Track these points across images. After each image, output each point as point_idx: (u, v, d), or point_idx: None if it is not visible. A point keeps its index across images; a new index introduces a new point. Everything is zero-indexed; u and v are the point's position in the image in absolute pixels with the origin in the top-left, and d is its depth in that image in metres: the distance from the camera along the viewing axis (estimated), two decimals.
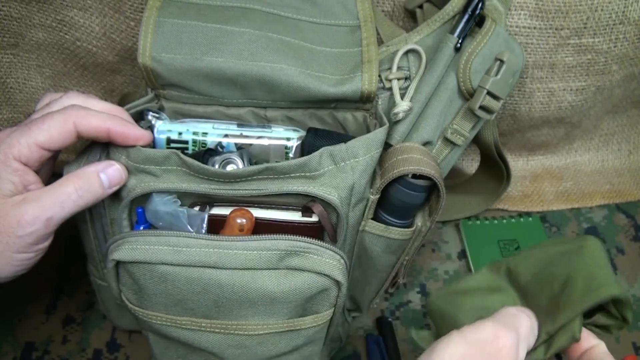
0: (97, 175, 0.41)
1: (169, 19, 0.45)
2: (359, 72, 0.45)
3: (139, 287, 0.42)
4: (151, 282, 0.41)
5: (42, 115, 0.41)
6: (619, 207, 0.71)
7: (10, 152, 0.39)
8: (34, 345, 0.57)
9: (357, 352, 0.58)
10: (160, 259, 0.40)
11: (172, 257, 0.40)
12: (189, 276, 0.40)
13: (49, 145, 0.40)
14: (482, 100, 0.46)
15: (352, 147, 0.41)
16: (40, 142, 0.40)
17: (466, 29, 0.48)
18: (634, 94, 0.66)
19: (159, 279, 0.41)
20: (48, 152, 0.41)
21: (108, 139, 0.42)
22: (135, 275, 0.41)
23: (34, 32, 0.57)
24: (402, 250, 0.48)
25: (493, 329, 0.35)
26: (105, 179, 0.41)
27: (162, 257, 0.40)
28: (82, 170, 0.41)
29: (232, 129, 0.46)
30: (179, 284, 0.41)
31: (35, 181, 0.40)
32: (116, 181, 0.42)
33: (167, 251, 0.40)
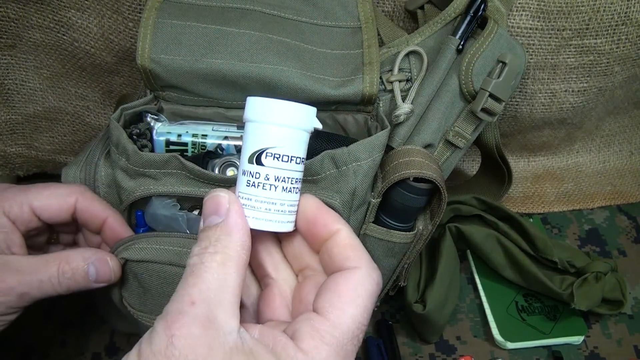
0: (85, 265, 0.39)
1: (168, 19, 0.44)
2: (360, 74, 0.45)
3: (144, 289, 0.42)
4: (157, 283, 0.41)
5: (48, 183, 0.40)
6: (621, 208, 0.71)
7: (2, 205, 0.38)
8: (32, 349, 0.57)
9: (358, 355, 0.58)
10: (169, 260, 0.40)
11: (180, 259, 0.40)
12: None
13: (42, 212, 0.39)
14: (484, 103, 0.46)
15: (353, 151, 0.41)
16: (34, 206, 0.39)
17: (468, 30, 0.47)
18: (635, 95, 0.66)
19: (165, 280, 0.41)
20: (37, 221, 0.40)
21: (97, 231, 0.41)
22: (142, 276, 0.41)
23: (32, 33, 0.56)
24: (403, 253, 0.48)
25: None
26: (93, 272, 0.39)
27: (170, 258, 0.40)
28: (72, 254, 0.39)
29: (232, 131, 0.46)
30: None
31: (19, 244, 0.39)
32: (104, 278, 0.39)
33: (176, 252, 0.40)
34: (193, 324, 0.25)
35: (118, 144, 0.41)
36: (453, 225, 0.61)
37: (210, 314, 0.26)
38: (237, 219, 0.28)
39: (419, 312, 0.55)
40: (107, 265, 0.39)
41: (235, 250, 0.28)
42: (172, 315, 0.26)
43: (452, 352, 0.58)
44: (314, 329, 0.27)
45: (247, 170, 0.30)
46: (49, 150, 0.66)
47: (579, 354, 0.58)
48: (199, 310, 0.26)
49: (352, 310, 0.28)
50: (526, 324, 0.59)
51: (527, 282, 0.60)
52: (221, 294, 0.27)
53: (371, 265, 0.30)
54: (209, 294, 0.26)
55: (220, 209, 0.29)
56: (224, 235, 0.28)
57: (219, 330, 0.26)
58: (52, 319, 0.59)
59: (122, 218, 0.42)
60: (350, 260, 0.29)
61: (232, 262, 0.27)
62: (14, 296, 0.37)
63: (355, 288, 0.28)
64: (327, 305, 0.28)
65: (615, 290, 0.59)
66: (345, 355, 0.27)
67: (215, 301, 0.26)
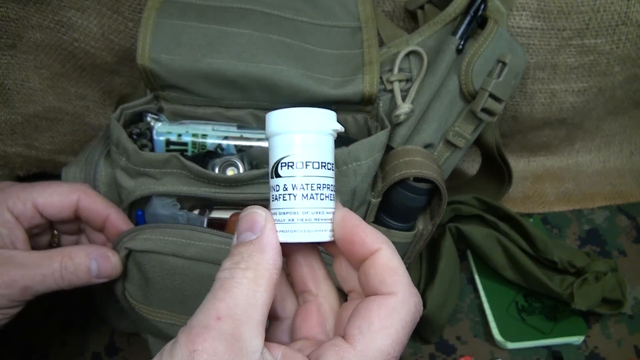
0: (88, 260, 0.39)
1: (168, 19, 0.44)
2: (360, 73, 0.45)
3: (146, 280, 0.42)
4: (160, 275, 0.41)
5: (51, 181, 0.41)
6: (621, 208, 0.71)
7: (5, 201, 0.39)
8: (32, 349, 0.57)
9: None
10: (172, 251, 0.40)
11: (184, 250, 0.40)
12: (198, 271, 0.40)
13: (45, 209, 0.40)
14: (484, 103, 0.46)
15: (354, 151, 0.41)
16: (38, 202, 0.39)
17: (468, 30, 0.47)
18: (635, 95, 0.66)
19: (168, 271, 0.41)
20: (40, 218, 0.40)
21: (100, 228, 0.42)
22: (145, 267, 0.41)
23: (32, 33, 0.56)
24: (403, 253, 0.48)
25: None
26: (94, 268, 0.40)
27: (174, 249, 0.40)
28: (75, 250, 0.40)
29: (232, 130, 0.46)
30: (187, 278, 0.41)
31: (23, 240, 0.39)
32: (105, 274, 0.40)
33: (180, 243, 0.40)
34: (217, 339, 0.25)
35: (118, 144, 0.41)
36: (453, 225, 0.61)
37: (235, 331, 0.25)
38: (272, 237, 0.28)
39: None
40: (108, 261, 0.40)
41: (267, 268, 0.27)
42: (196, 329, 0.25)
43: (452, 352, 0.58)
44: (338, 356, 0.26)
45: (270, 186, 0.29)
46: (49, 150, 0.66)
47: (579, 354, 0.58)
48: (225, 326, 0.25)
49: (381, 340, 0.26)
50: (526, 324, 0.59)
51: (527, 282, 0.60)
52: (249, 312, 0.26)
53: (410, 291, 0.27)
54: (236, 310, 0.26)
55: (256, 226, 0.28)
56: (256, 252, 0.27)
57: (242, 348, 0.25)
58: (52, 319, 0.59)
59: (124, 215, 0.42)
60: (386, 285, 0.27)
61: (263, 281, 0.27)
62: (17, 289, 0.37)
63: (388, 316, 0.27)
64: (356, 333, 0.27)
65: (615, 290, 0.59)
66: None
67: (243, 318, 0.26)
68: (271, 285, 0.27)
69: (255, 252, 0.27)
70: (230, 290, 0.26)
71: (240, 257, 0.27)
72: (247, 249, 0.28)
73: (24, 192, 0.40)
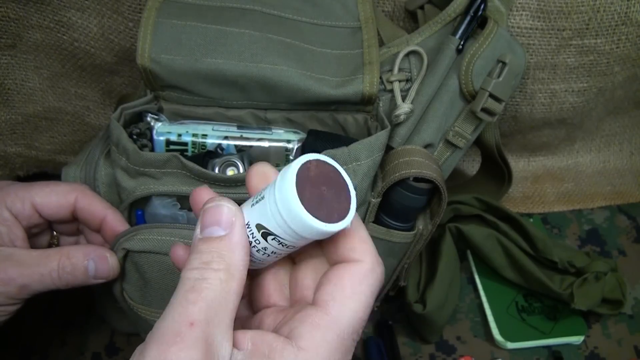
0: (85, 261, 0.39)
1: (168, 19, 0.44)
2: (360, 73, 0.45)
3: (144, 281, 0.42)
4: (158, 275, 0.41)
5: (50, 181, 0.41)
6: (621, 208, 0.71)
7: (4, 200, 0.39)
8: (32, 349, 0.57)
9: (358, 355, 0.58)
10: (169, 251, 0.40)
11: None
12: None
13: (43, 209, 0.40)
14: (484, 103, 0.46)
15: (354, 151, 0.41)
16: (36, 202, 0.40)
17: (468, 30, 0.47)
18: (636, 95, 0.66)
19: (167, 271, 0.41)
20: (38, 217, 0.40)
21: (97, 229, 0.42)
22: (143, 267, 0.41)
23: (32, 33, 0.56)
24: (403, 253, 0.48)
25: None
26: (92, 268, 0.40)
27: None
28: (73, 250, 0.40)
29: (232, 130, 0.46)
30: None
31: (22, 238, 0.39)
32: (103, 275, 0.40)
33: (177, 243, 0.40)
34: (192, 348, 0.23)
35: (118, 144, 0.41)
36: (453, 225, 0.61)
37: (208, 337, 0.24)
38: (242, 236, 0.27)
39: (419, 312, 0.55)
40: (106, 262, 0.40)
41: (239, 269, 0.26)
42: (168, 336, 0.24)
43: (452, 352, 0.58)
44: (314, 325, 0.26)
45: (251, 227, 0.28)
46: (49, 150, 0.66)
47: (579, 354, 0.58)
48: (198, 332, 0.24)
49: (354, 304, 0.27)
50: (526, 324, 0.59)
51: (527, 282, 0.60)
52: (220, 316, 0.25)
53: (377, 260, 0.28)
54: (208, 314, 0.24)
55: (224, 220, 0.27)
56: (227, 252, 0.26)
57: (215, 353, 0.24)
58: (52, 319, 0.59)
59: (121, 216, 0.42)
60: (355, 252, 0.28)
61: (235, 282, 0.26)
62: (15, 287, 0.37)
63: (360, 282, 0.27)
64: (329, 299, 0.27)
65: (615, 290, 0.59)
66: (345, 351, 0.26)
67: (215, 323, 0.25)
68: (241, 286, 0.26)
69: (226, 252, 0.26)
70: (202, 293, 0.25)
71: (211, 257, 0.26)
72: (217, 247, 0.26)
73: (22, 191, 0.40)
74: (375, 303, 0.55)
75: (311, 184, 0.25)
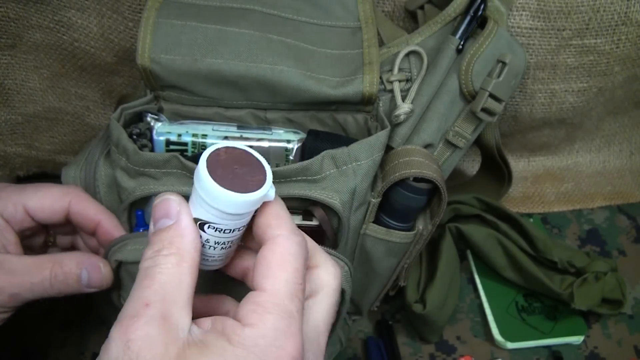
0: (78, 270, 0.39)
1: (167, 19, 0.44)
2: (360, 73, 0.45)
3: None
4: None
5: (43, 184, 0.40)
6: (620, 208, 0.71)
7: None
8: (32, 349, 0.56)
9: (358, 355, 0.58)
10: None
11: None
12: None
13: (36, 213, 0.39)
14: (484, 103, 0.46)
15: (354, 151, 0.41)
16: (28, 206, 0.39)
17: (468, 30, 0.47)
18: (635, 95, 0.66)
19: None
20: (31, 221, 0.40)
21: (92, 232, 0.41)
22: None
23: (32, 33, 0.56)
24: (403, 253, 0.48)
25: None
26: (85, 277, 0.39)
27: None
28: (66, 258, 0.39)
29: (232, 130, 0.46)
30: None
31: (14, 243, 0.39)
32: (96, 284, 0.40)
33: None
34: (149, 324, 0.25)
35: (118, 144, 0.41)
36: (453, 225, 0.61)
37: (165, 313, 0.26)
38: (188, 221, 0.29)
39: (419, 312, 0.55)
40: (99, 272, 0.39)
41: (188, 251, 0.28)
42: (126, 319, 0.26)
43: (452, 352, 0.58)
44: (254, 303, 0.27)
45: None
46: (49, 150, 0.66)
47: (579, 354, 0.58)
48: (154, 311, 0.26)
49: (284, 274, 0.28)
50: (526, 324, 0.59)
51: (527, 282, 0.60)
52: (176, 293, 0.27)
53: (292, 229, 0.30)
54: (163, 294, 0.26)
55: (171, 211, 0.29)
56: (176, 237, 0.28)
57: (173, 328, 0.26)
58: (52, 319, 0.59)
59: (116, 220, 0.42)
60: (272, 228, 0.29)
61: (186, 263, 0.28)
62: (5, 296, 0.37)
63: (282, 254, 0.29)
64: (260, 278, 0.28)
65: (615, 290, 0.59)
66: (290, 316, 0.27)
67: (170, 300, 0.27)
68: (194, 266, 0.28)
69: (175, 237, 0.28)
70: (154, 277, 0.27)
71: (162, 245, 0.28)
72: (166, 235, 0.28)
73: (14, 195, 0.39)
74: (376, 303, 0.55)
75: (222, 166, 0.28)
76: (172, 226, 0.29)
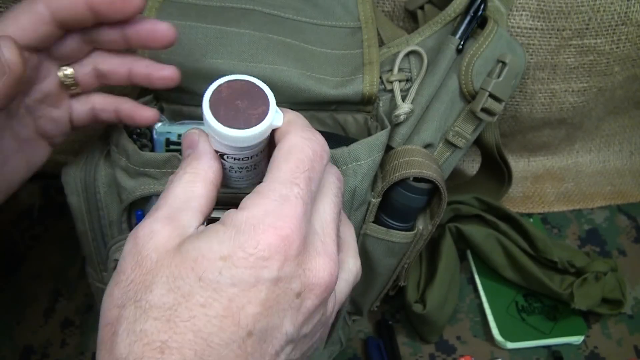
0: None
1: (168, 19, 0.44)
2: (360, 73, 0.45)
3: None
4: None
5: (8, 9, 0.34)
6: (621, 208, 0.71)
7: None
8: (32, 349, 0.57)
9: (358, 355, 0.58)
10: None
11: None
12: None
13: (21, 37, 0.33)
14: (484, 103, 0.46)
15: (353, 151, 0.41)
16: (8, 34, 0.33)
17: (468, 30, 0.47)
18: (635, 95, 0.66)
19: None
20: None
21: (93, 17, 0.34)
22: None
23: None
24: (403, 253, 0.48)
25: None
26: None
27: None
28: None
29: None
30: None
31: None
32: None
33: None
34: (153, 222, 0.28)
35: (118, 144, 0.41)
36: (453, 225, 0.61)
37: (171, 214, 0.28)
38: (205, 146, 0.31)
39: (419, 312, 0.55)
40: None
41: (203, 169, 0.30)
42: (142, 221, 0.28)
43: (452, 352, 0.58)
44: (253, 192, 0.28)
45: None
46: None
47: (579, 354, 0.58)
48: (160, 213, 0.28)
49: (284, 165, 0.29)
50: (526, 324, 0.59)
51: (527, 282, 0.60)
52: (185, 202, 0.29)
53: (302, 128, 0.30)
54: (174, 201, 0.29)
55: (193, 141, 0.31)
56: (193, 160, 0.30)
57: (178, 226, 0.28)
58: (52, 319, 0.59)
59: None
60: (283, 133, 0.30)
61: (199, 177, 0.30)
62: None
63: (286, 148, 0.29)
64: (267, 172, 0.29)
65: (615, 290, 0.59)
66: (283, 199, 0.27)
67: (178, 207, 0.28)
68: (207, 181, 0.30)
69: (193, 160, 0.31)
70: (168, 189, 0.30)
71: (181, 167, 0.31)
72: (187, 160, 0.31)
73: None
74: (376, 303, 0.55)
75: (224, 103, 0.29)
76: (192, 153, 0.31)
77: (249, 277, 0.25)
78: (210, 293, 0.25)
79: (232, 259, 0.26)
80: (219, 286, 0.25)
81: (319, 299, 0.28)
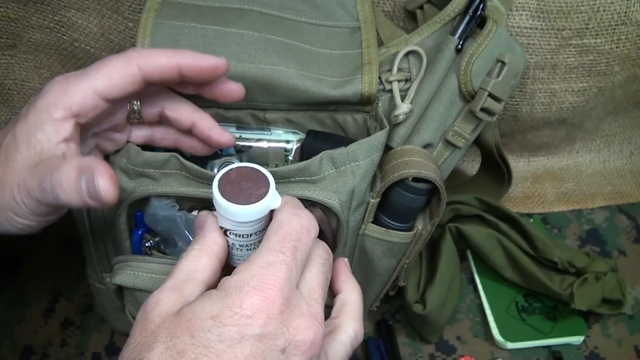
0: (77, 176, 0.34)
1: (166, 20, 0.44)
2: (359, 74, 0.45)
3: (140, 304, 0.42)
4: None
5: (100, 60, 0.36)
6: (621, 208, 0.71)
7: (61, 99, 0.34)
8: (32, 349, 0.57)
9: (358, 355, 0.58)
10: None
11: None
12: None
13: (109, 92, 0.35)
14: (484, 102, 0.46)
15: (352, 151, 0.41)
16: (98, 88, 0.35)
17: (467, 30, 0.47)
18: (635, 94, 0.66)
19: None
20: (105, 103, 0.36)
21: (180, 79, 0.37)
22: (138, 299, 0.42)
23: (32, 33, 0.56)
24: (402, 253, 0.48)
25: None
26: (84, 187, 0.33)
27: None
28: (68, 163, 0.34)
29: (232, 131, 0.46)
30: None
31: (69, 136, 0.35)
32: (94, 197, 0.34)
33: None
34: (161, 292, 0.31)
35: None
36: (453, 225, 0.60)
37: (177, 286, 0.31)
38: (212, 225, 0.35)
39: (418, 312, 0.55)
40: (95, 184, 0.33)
41: (208, 245, 0.34)
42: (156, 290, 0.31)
43: (452, 352, 0.58)
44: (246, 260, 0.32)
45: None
46: None
47: (579, 354, 0.58)
48: (168, 283, 0.31)
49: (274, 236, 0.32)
50: (526, 324, 0.59)
51: (527, 282, 0.60)
52: (191, 274, 0.32)
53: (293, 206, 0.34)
54: (180, 273, 0.32)
55: (202, 222, 0.35)
56: (201, 238, 0.34)
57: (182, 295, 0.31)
58: (52, 319, 0.59)
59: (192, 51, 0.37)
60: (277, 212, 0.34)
61: (204, 252, 0.33)
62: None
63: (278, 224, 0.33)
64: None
65: (615, 290, 0.59)
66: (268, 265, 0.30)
67: (184, 278, 0.32)
68: (212, 255, 0.34)
69: (201, 238, 0.34)
70: (177, 263, 0.33)
71: (192, 245, 0.34)
72: (196, 238, 0.35)
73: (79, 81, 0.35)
74: (375, 303, 0.55)
75: (231, 183, 0.34)
76: (201, 232, 0.35)
77: (234, 333, 0.28)
78: (202, 350, 0.28)
79: (220, 317, 0.28)
80: (209, 343, 0.28)
81: (305, 355, 0.30)
